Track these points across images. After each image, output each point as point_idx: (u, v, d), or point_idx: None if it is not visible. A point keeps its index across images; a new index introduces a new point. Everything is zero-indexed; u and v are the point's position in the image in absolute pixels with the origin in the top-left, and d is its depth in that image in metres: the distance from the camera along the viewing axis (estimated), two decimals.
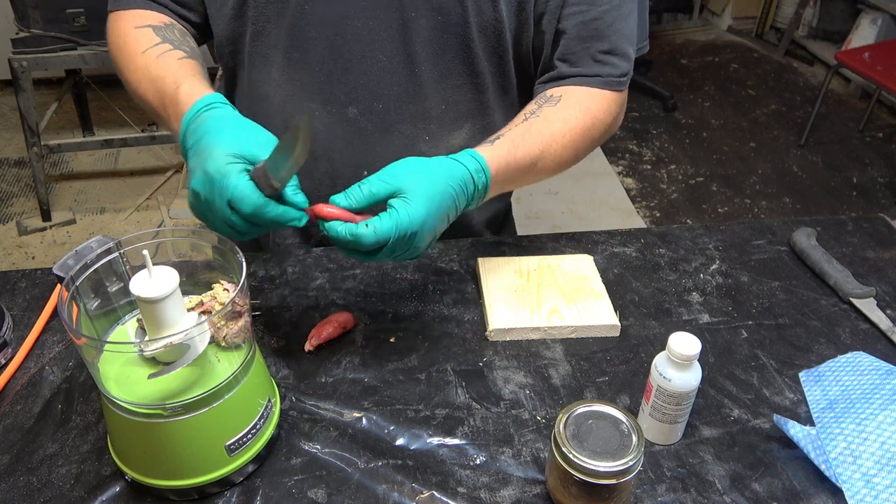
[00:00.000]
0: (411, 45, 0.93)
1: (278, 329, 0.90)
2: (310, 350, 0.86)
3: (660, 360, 0.73)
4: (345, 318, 0.88)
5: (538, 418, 0.79)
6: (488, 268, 0.97)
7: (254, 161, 0.70)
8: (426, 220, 0.73)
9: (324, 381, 0.83)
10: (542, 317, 0.90)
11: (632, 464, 0.64)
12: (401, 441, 0.76)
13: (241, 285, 0.65)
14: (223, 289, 0.71)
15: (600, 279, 0.96)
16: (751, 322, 0.92)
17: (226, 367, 0.68)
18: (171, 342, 0.63)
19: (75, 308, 0.65)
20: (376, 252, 0.73)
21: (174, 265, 0.65)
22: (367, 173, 0.75)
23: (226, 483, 0.71)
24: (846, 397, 0.78)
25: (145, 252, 0.63)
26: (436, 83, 0.96)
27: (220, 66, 1.04)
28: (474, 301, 0.95)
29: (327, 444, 0.76)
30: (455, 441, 0.76)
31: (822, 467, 0.72)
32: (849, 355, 0.85)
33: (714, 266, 1.02)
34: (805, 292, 0.97)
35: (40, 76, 3.16)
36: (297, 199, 0.72)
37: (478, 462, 0.74)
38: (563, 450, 0.65)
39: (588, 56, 0.94)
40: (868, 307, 0.93)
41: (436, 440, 0.77)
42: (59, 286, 0.89)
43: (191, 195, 0.72)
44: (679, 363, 0.70)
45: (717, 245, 1.06)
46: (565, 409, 0.68)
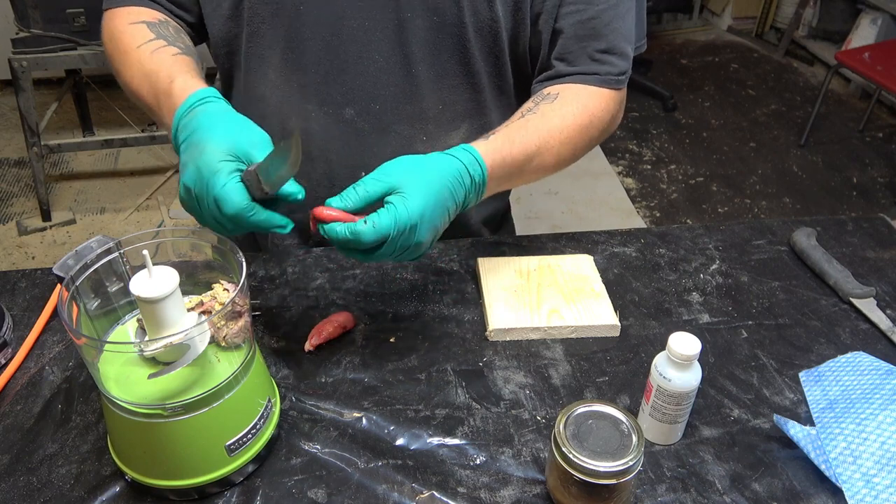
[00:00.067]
0: (407, 46, 0.93)
1: (278, 329, 0.90)
2: (310, 350, 0.86)
3: (660, 360, 0.73)
4: (345, 318, 0.88)
5: (538, 418, 0.79)
6: (488, 268, 0.97)
7: (246, 158, 0.70)
8: (424, 213, 0.73)
9: (324, 381, 0.83)
10: (542, 317, 0.90)
11: (632, 464, 0.64)
12: (401, 441, 0.76)
13: (241, 285, 0.65)
14: (223, 289, 0.71)
15: (600, 279, 0.96)
16: (751, 322, 0.92)
17: (226, 367, 0.68)
18: (171, 342, 0.63)
19: (75, 308, 0.65)
20: (377, 249, 0.73)
21: (174, 265, 0.65)
22: (364, 174, 0.75)
23: (226, 483, 0.71)
24: (846, 397, 0.78)
25: (145, 252, 0.63)
26: (432, 83, 0.96)
27: (217, 67, 1.04)
28: (474, 301, 0.95)
29: (327, 444, 0.76)
30: (455, 441, 0.76)
31: (822, 467, 0.72)
32: (849, 355, 0.85)
33: (714, 266, 1.02)
34: (805, 292, 0.97)
35: (40, 76, 3.16)
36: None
37: (478, 462, 0.74)
38: (563, 450, 0.65)
39: (586, 55, 0.93)
40: (868, 307, 0.93)
41: (436, 440, 0.77)
42: (59, 286, 0.89)
43: (182, 189, 0.72)
44: (679, 363, 0.70)
45: (717, 245, 1.06)
46: (565, 409, 0.68)
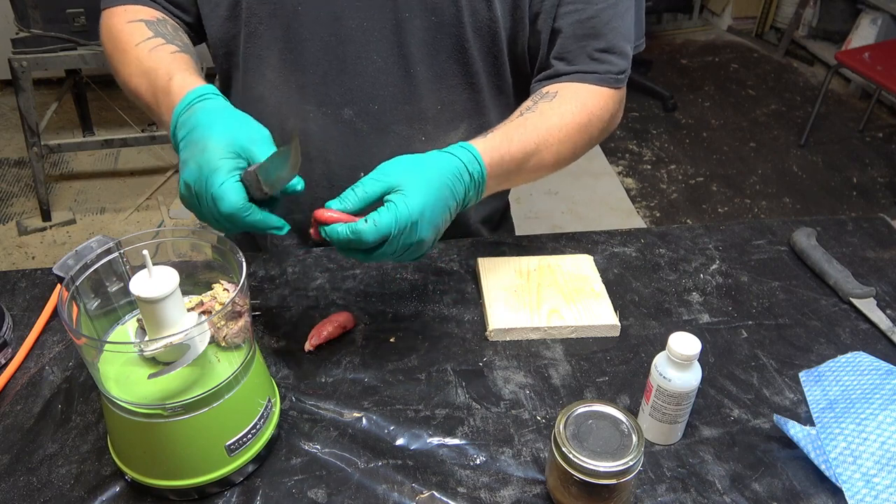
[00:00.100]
0: (406, 46, 0.92)
1: (278, 329, 0.90)
2: (310, 350, 0.86)
3: (660, 360, 0.73)
4: (345, 318, 0.88)
5: (538, 418, 0.79)
6: (488, 268, 0.97)
7: (246, 154, 0.71)
8: (424, 210, 0.72)
9: (324, 381, 0.83)
10: (542, 317, 0.90)
11: (632, 464, 0.64)
12: (401, 441, 0.76)
13: (241, 285, 0.65)
14: (223, 289, 0.71)
15: (600, 279, 0.96)
16: (751, 322, 0.92)
17: (226, 367, 0.68)
18: (171, 342, 0.63)
19: (75, 308, 0.65)
20: (379, 247, 0.72)
21: (174, 265, 0.65)
22: (363, 174, 0.75)
23: (226, 483, 0.71)
24: (846, 397, 0.78)
25: (145, 252, 0.63)
26: (431, 84, 0.96)
27: (215, 67, 1.04)
28: (474, 301, 0.95)
29: (327, 444, 0.76)
30: (455, 441, 0.76)
31: (822, 467, 0.72)
32: (849, 355, 0.85)
33: (714, 266, 1.02)
34: (805, 292, 0.97)
35: (40, 76, 3.16)
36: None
37: (478, 462, 0.74)
38: (563, 450, 0.65)
39: (585, 54, 0.93)
40: (868, 307, 0.93)
41: (436, 440, 0.77)
42: (59, 286, 0.89)
43: (182, 186, 0.72)
44: (679, 363, 0.70)
45: (717, 245, 1.06)
46: (565, 409, 0.68)
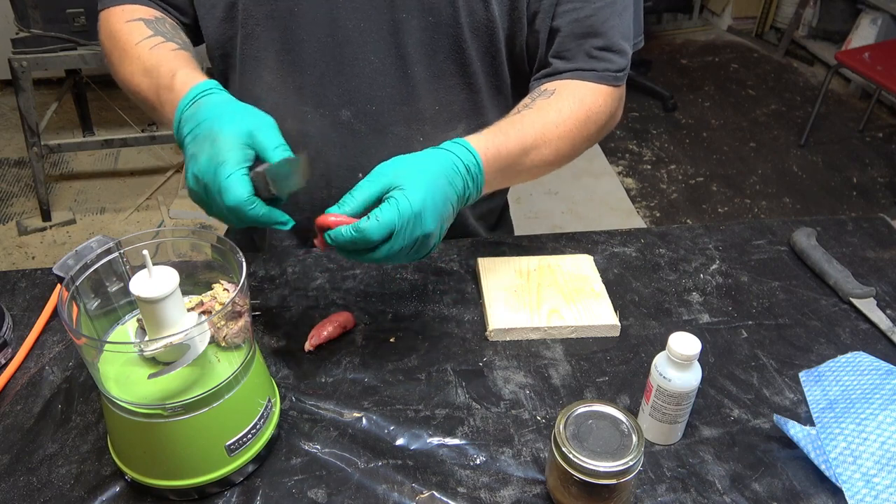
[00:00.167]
0: (403, 47, 0.92)
1: (278, 329, 0.90)
2: (310, 350, 0.86)
3: (660, 360, 0.73)
4: (345, 318, 0.88)
5: (538, 418, 0.79)
6: (488, 268, 0.97)
7: (254, 143, 0.71)
8: (425, 201, 0.72)
9: (324, 381, 0.83)
10: (542, 317, 0.90)
11: (632, 464, 0.64)
12: (401, 441, 0.76)
13: (241, 285, 0.65)
14: (223, 289, 0.71)
15: (600, 279, 0.96)
16: (751, 322, 0.92)
17: (226, 367, 0.68)
18: (171, 342, 0.63)
19: (75, 308, 0.65)
20: (387, 246, 0.72)
21: (174, 265, 0.65)
22: (361, 176, 0.75)
23: (226, 483, 0.71)
24: (846, 397, 0.78)
25: (145, 252, 0.63)
26: (429, 84, 0.96)
27: (212, 69, 1.04)
28: (474, 301, 0.95)
29: (327, 444, 0.76)
30: (455, 441, 0.76)
31: (822, 467, 0.72)
32: (849, 355, 0.85)
33: (714, 266, 1.02)
34: (805, 292, 0.97)
35: (40, 76, 3.16)
36: (283, 218, 0.73)
37: (478, 462, 0.74)
38: (563, 450, 0.65)
39: (583, 52, 0.93)
40: (868, 307, 0.93)
41: (436, 440, 0.77)
42: (59, 286, 0.89)
43: (191, 179, 0.72)
44: (679, 363, 0.70)
45: (717, 245, 1.06)
46: (565, 409, 0.68)
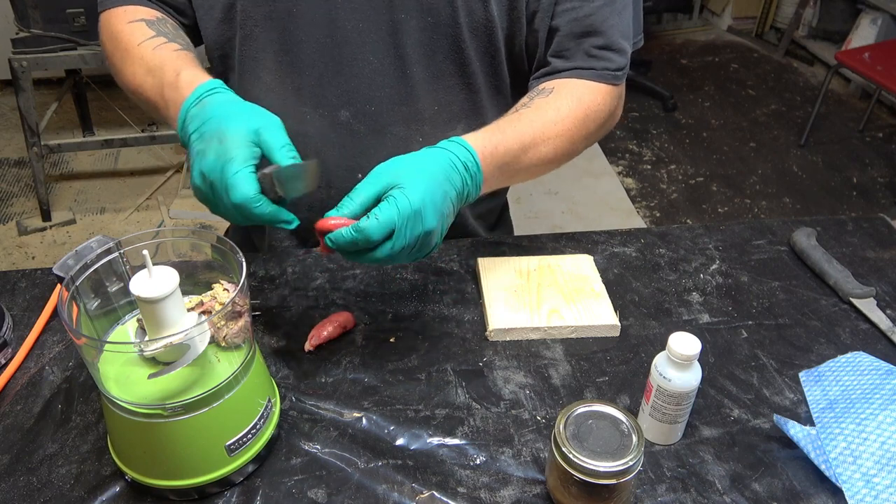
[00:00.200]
0: (402, 47, 0.92)
1: (278, 329, 0.90)
2: (310, 350, 0.86)
3: (660, 360, 0.73)
4: (345, 318, 0.88)
5: (538, 418, 0.79)
6: (488, 268, 0.97)
7: (261, 141, 0.71)
8: (425, 198, 0.72)
9: (324, 381, 0.83)
10: (542, 317, 0.90)
11: (632, 464, 0.64)
12: (401, 441, 0.76)
13: (241, 285, 0.65)
14: (223, 289, 0.71)
15: (600, 279, 0.96)
16: (751, 322, 0.92)
17: (226, 367, 0.68)
18: (171, 342, 0.63)
19: (75, 308, 0.65)
20: (389, 246, 0.71)
21: (174, 265, 0.65)
22: (360, 176, 0.75)
23: (226, 483, 0.71)
24: (846, 397, 0.78)
25: (145, 252, 0.63)
26: (428, 84, 0.96)
27: (211, 70, 1.04)
28: (474, 301, 0.95)
29: (327, 444, 0.76)
30: (455, 441, 0.76)
31: (822, 467, 0.72)
32: (849, 355, 0.85)
33: (714, 266, 1.02)
34: (805, 292, 0.97)
35: (40, 76, 3.16)
36: (288, 216, 0.73)
37: (478, 462, 0.74)
38: (563, 450, 0.65)
39: (582, 51, 0.93)
40: (868, 307, 0.93)
41: (436, 440, 0.77)
42: (59, 286, 0.89)
43: (197, 177, 0.72)
44: (679, 363, 0.70)
45: (717, 245, 1.06)
46: (565, 409, 0.68)
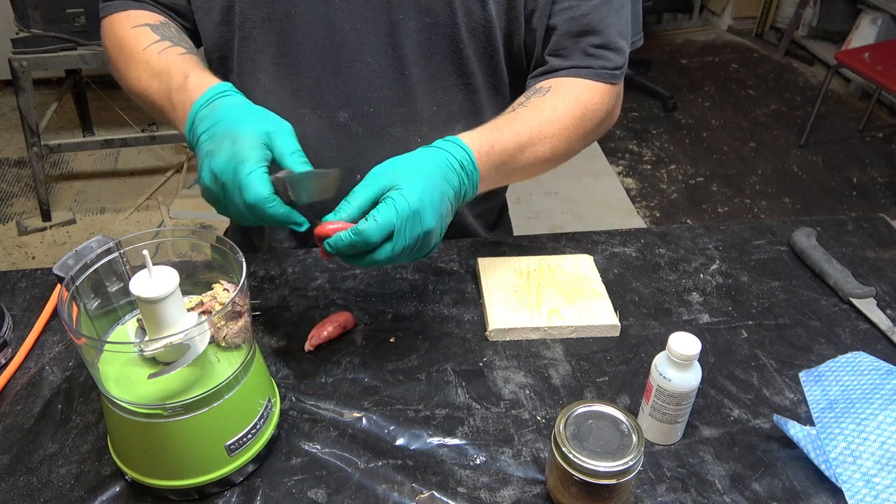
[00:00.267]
0: (400, 48, 0.92)
1: (278, 329, 0.90)
2: (310, 350, 0.86)
3: (660, 360, 0.73)
4: (345, 318, 0.88)
5: (538, 418, 0.79)
6: (488, 268, 0.97)
7: (271, 145, 0.72)
8: (423, 198, 0.72)
9: (324, 381, 0.83)
10: (542, 317, 0.90)
11: (632, 464, 0.64)
12: (401, 441, 0.76)
13: (241, 285, 0.65)
14: (223, 289, 0.71)
15: (600, 279, 0.96)
16: (751, 322, 0.92)
17: (226, 367, 0.68)
18: (171, 342, 0.63)
19: (75, 308, 0.65)
20: (388, 247, 0.71)
21: (174, 265, 0.65)
22: (359, 178, 0.75)
23: (226, 483, 0.71)
24: (846, 397, 0.78)
25: (145, 252, 0.63)
26: (426, 85, 0.96)
27: (211, 71, 1.04)
28: (474, 301, 0.95)
29: (327, 444, 0.76)
30: (455, 441, 0.76)
31: (822, 467, 0.72)
32: (849, 355, 0.85)
33: (714, 266, 1.02)
34: (805, 292, 0.97)
35: (40, 76, 3.16)
36: (299, 219, 0.74)
37: (478, 462, 0.74)
38: (563, 450, 0.65)
39: (579, 50, 0.93)
40: (868, 307, 0.93)
41: (436, 440, 0.77)
42: (59, 286, 0.89)
43: (207, 177, 0.72)
44: (679, 363, 0.70)
45: (717, 245, 1.06)
46: (565, 409, 0.68)
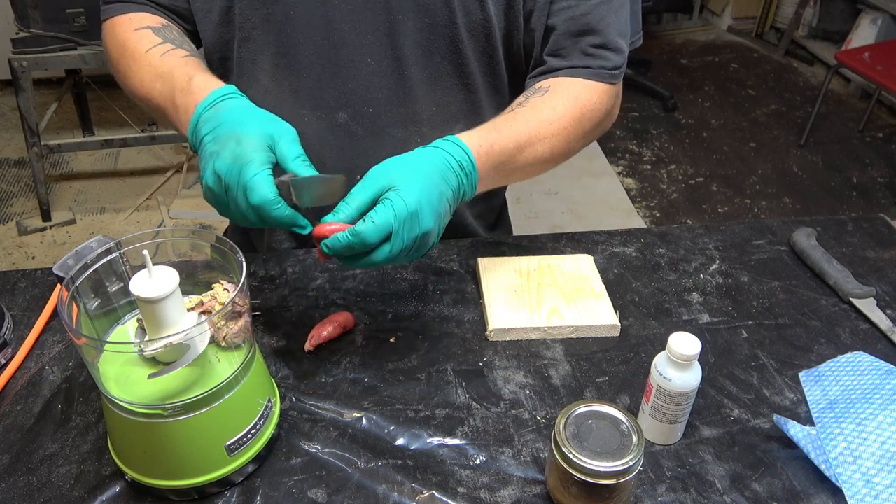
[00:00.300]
0: (399, 48, 0.92)
1: (278, 329, 0.90)
2: (310, 350, 0.86)
3: (660, 360, 0.73)
4: (345, 318, 0.88)
5: (538, 418, 0.79)
6: (488, 268, 0.97)
7: (275, 148, 0.72)
8: (421, 199, 0.72)
9: (324, 381, 0.83)
10: (542, 317, 0.90)
11: (632, 464, 0.64)
12: (401, 441, 0.76)
13: (241, 285, 0.65)
14: (223, 289, 0.71)
15: (600, 279, 0.96)
16: (751, 322, 0.92)
17: (226, 367, 0.68)
18: (171, 342, 0.63)
19: (75, 308, 0.65)
20: (386, 249, 0.71)
21: (174, 265, 0.65)
22: (359, 178, 0.75)
23: (226, 483, 0.71)
24: (846, 397, 0.78)
25: (145, 252, 0.63)
26: (426, 85, 0.96)
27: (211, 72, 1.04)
28: (474, 301, 0.95)
29: (327, 444, 0.76)
30: (455, 441, 0.76)
31: (822, 467, 0.72)
32: (849, 355, 0.85)
33: (714, 266, 1.02)
34: (805, 292, 0.97)
35: (40, 76, 3.16)
36: (303, 222, 0.74)
37: (478, 462, 0.74)
38: (563, 450, 0.65)
39: (578, 50, 0.93)
40: (868, 307, 0.93)
41: (436, 440, 0.77)
42: (59, 286, 0.89)
43: (211, 178, 0.72)
44: (679, 363, 0.70)
45: (717, 245, 1.06)
46: (565, 409, 0.68)
